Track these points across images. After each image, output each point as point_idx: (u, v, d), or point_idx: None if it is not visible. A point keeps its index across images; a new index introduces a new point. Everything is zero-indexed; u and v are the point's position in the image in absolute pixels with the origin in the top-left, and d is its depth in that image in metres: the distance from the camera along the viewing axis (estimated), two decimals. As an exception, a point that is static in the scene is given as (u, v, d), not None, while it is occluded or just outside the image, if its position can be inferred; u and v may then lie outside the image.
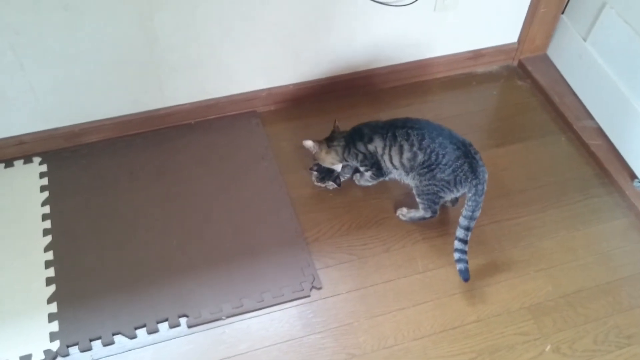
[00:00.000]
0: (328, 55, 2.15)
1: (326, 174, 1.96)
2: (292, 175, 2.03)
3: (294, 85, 2.19)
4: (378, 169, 1.86)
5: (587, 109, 2.24)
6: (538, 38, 2.39)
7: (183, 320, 1.68)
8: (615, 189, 2.04)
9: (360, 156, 1.85)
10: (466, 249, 1.72)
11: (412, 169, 1.79)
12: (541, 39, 2.39)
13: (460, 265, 1.72)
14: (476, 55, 2.37)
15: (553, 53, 2.42)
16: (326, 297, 1.75)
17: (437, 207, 1.83)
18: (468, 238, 1.72)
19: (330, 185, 1.97)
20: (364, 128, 1.85)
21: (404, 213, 1.91)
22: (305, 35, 2.05)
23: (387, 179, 1.90)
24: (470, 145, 1.75)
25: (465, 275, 1.72)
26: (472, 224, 1.72)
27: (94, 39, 1.80)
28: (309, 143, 1.88)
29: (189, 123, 2.15)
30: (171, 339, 1.65)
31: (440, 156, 1.72)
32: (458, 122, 2.21)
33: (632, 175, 2.04)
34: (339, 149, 1.88)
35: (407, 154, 1.77)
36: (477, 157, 1.73)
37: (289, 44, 2.06)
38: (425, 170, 1.75)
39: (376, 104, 2.25)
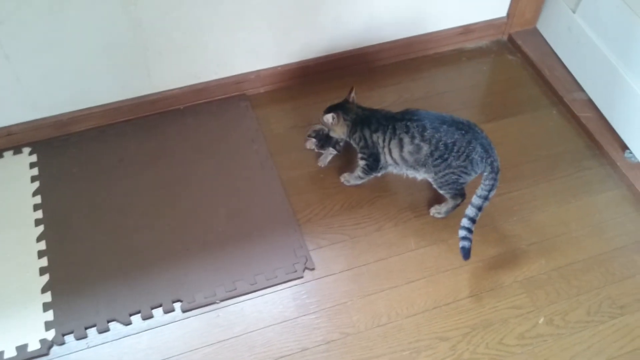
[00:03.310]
0: (316, 35, 2.13)
1: (325, 140, 1.94)
2: (283, 157, 2.03)
3: (283, 66, 2.18)
4: (374, 161, 1.82)
5: (578, 82, 2.23)
6: (527, 12, 2.37)
7: (177, 305, 1.69)
8: (607, 161, 2.04)
9: (363, 142, 1.82)
10: (473, 228, 1.69)
11: (418, 162, 1.75)
12: (530, 13, 2.38)
13: (464, 243, 1.69)
14: (466, 30, 2.35)
15: (543, 26, 2.41)
16: (319, 278, 1.75)
17: (463, 189, 1.81)
18: (477, 217, 1.70)
19: (331, 151, 1.96)
20: (374, 116, 1.81)
21: (439, 211, 1.87)
22: (292, 16, 2.03)
23: (379, 174, 1.87)
24: (475, 125, 1.72)
25: (467, 254, 1.70)
26: (485, 205, 1.69)
27: (77, 26, 1.79)
28: (328, 117, 1.83)
29: (178, 108, 2.14)
30: (166, 324, 1.66)
31: (450, 144, 1.68)
32: (449, 99, 2.22)
33: (623, 146, 2.03)
34: (349, 125, 1.84)
35: (408, 147, 1.74)
36: (484, 135, 1.71)
37: (276, 25, 2.04)
38: (439, 161, 1.71)
39: (366, 83, 2.24)
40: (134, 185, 1.93)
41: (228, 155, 2.02)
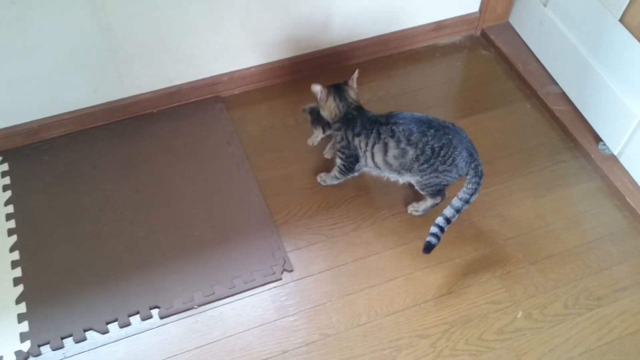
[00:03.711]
0: (289, 35, 2.12)
1: (317, 117, 1.90)
2: (259, 158, 2.01)
3: (256, 67, 2.17)
4: (352, 163, 1.81)
5: (551, 75, 2.24)
6: (499, 6, 2.38)
7: (155, 312, 1.67)
8: (581, 153, 2.05)
9: (344, 142, 1.79)
10: (446, 228, 1.69)
11: (403, 167, 1.73)
12: (502, 7, 2.38)
13: (431, 239, 1.69)
14: (439, 26, 2.35)
15: (515, 21, 2.42)
16: (298, 279, 1.75)
17: (444, 189, 1.80)
18: (454, 219, 1.69)
19: (319, 132, 1.95)
20: (360, 118, 1.76)
21: (417, 208, 1.87)
22: (263, 16, 2.01)
23: (356, 175, 1.86)
24: (461, 129, 1.70)
25: (428, 250, 1.69)
26: (465, 208, 1.68)
27: (45, 32, 1.76)
28: (317, 88, 1.78)
29: (151, 112, 2.12)
30: (144, 332, 1.64)
31: (437, 148, 1.66)
32: (424, 95, 2.22)
33: (597, 139, 2.05)
34: (336, 112, 1.79)
35: (393, 152, 1.71)
36: (468, 139, 1.69)
37: (247, 26, 2.02)
38: (426, 165, 1.70)
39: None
40: (108, 192, 1.91)
41: (203, 158, 2.00)
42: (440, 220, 1.69)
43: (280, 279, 1.74)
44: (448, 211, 1.69)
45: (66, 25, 1.77)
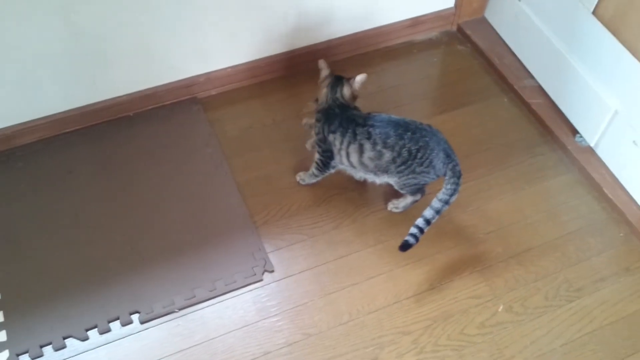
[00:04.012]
0: (264, 34, 2.11)
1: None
2: (238, 159, 2.00)
3: (233, 67, 2.15)
4: (328, 158, 1.79)
5: (527, 69, 2.25)
6: (475, 1, 2.38)
7: (135, 317, 1.66)
8: (559, 146, 2.06)
9: (321, 136, 1.78)
10: (426, 230, 1.68)
11: (379, 168, 1.72)
12: (478, 2, 2.39)
13: (409, 238, 1.69)
14: (415, 23, 2.36)
15: (490, 15, 2.42)
16: (279, 280, 1.74)
17: (424, 187, 1.80)
18: (434, 220, 1.68)
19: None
20: (340, 115, 1.74)
21: (397, 205, 1.86)
22: (238, 16, 2.00)
23: (332, 171, 1.85)
24: (438, 131, 1.69)
25: (405, 248, 1.69)
26: (445, 209, 1.68)
27: (17, 37, 1.74)
28: (322, 64, 1.80)
29: (127, 115, 2.10)
30: (124, 337, 1.63)
31: (414, 150, 1.66)
32: (401, 92, 2.22)
33: (574, 131, 2.06)
34: (323, 100, 1.79)
35: (369, 153, 1.70)
36: (445, 139, 1.69)
37: (222, 26, 2.01)
38: (403, 167, 1.69)
39: (317, 81, 2.22)
40: (85, 197, 1.89)
41: (181, 160, 1.99)
42: (420, 221, 1.68)
43: (262, 280, 1.73)
44: (428, 212, 1.68)
45: (38, 30, 1.75)
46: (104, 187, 1.91)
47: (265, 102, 2.16)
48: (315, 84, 1.95)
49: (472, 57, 2.36)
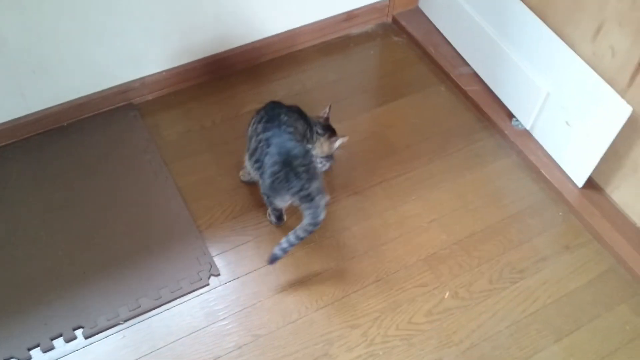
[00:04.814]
0: (197, 35, 2.08)
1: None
2: (178, 164, 1.97)
3: (167, 71, 2.12)
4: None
5: (462, 56, 2.28)
6: (407, -8, 2.40)
7: (79, 332, 1.61)
8: (496, 131, 2.10)
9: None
10: (295, 244, 1.63)
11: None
12: (411, -7, 2.42)
13: (278, 251, 1.64)
14: (349, 16, 2.36)
15: (424, 5, 2.45)
16: (226, 283, 1.72)
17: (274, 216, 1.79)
18: (297, 242, 1.63)
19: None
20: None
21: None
22: (168, 18, 1.97)
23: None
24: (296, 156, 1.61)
25: (273, 260, 1.67)
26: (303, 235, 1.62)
27: None
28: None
29: (61, 126, 2.04)
30: (69, 354, 1.58)
31: (264, 154, 1.63)
32: (339, 87, 2.22)
33: (510, 115, 2.10)
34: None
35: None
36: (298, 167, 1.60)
37: (153, 29, 1.97)
38: (259, 164, 1.66)
39: (255, 80, 2.21)
40: (21, 212, 1.83)
41: (119, 168, 1.95)
42: (291, 237, 1.63)
43: (208, 284, 1.71)
44: (292, 236, 1.62)
45: (-44, 43, 1.69)
46: (41, 200, 1.86)
47: (203, 104, 2.13)
48: (253, 83, 1.95)
49: (408, 48, 2.37)
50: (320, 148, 1.79)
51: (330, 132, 1.82)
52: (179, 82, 2.16)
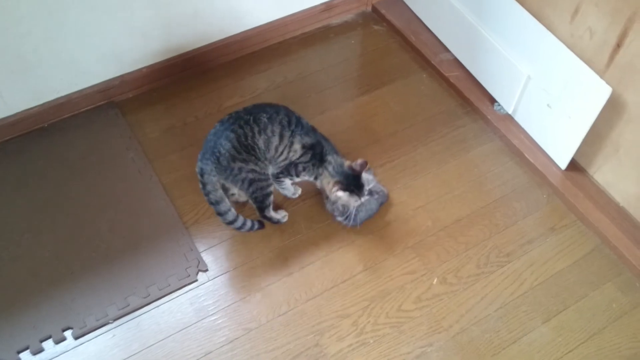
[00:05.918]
0: (176, 30, 2.06)
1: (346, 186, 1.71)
2: (161, 160, 1.96)
3: (147, 68, 2.10)
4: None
5: (443, 43, 2.29)
6: (386, -20, 2.40)
7: (68, 333, 1.61)
8: (479, 116, 2.10)
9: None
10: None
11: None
12: (389, -19, 2.41)
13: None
14: (328, 7, 2.35)
15: (403, -7, 2.45)
16: (214, 278, 1.72)
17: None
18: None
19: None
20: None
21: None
22: (146, 15, 1.95)
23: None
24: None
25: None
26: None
27: None
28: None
29: (42, 126, 2.02)
30: (59, 355, 1.58)
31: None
32: (321, 77, 2.22)
33: (492, 100, 2.10)
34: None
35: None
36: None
37: (131, 26, 1.95)
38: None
39: (237, 73, 2.20)
40: (5, 215, 1.82)
41: (103, 167, 1.93)
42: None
43: (196, 280, 1.71)
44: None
45: None
46: (26, 202, 1.85)
47: (185, 100, 2.12)
48: (234, 77, 1.94)
49: (389, 36, 2.37)
50: (326, 186, 1.74)
51: (347, 183, 1.68)
52: (160, 78, 2.15)
